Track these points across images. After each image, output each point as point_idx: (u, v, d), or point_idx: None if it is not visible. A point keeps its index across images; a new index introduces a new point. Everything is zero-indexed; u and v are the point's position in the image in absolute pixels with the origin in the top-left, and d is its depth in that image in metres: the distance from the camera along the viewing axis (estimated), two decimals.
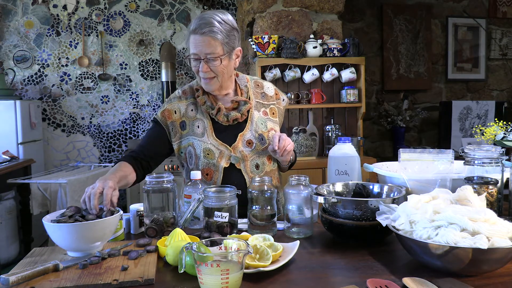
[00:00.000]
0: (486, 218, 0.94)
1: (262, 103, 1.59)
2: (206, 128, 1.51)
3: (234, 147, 1.50)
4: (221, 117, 1.50)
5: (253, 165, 1.52)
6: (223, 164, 1.49)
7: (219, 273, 0.82)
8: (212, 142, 1.49)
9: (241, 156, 1.50)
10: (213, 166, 1.49)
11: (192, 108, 1.54)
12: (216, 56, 1.40)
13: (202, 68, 1.42)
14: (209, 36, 1.38)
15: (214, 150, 1.49)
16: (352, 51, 3.37)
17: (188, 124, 1.53)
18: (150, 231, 1.23)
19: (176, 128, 1.53)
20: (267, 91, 1.62)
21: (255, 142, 1.51)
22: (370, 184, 1.31)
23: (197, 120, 1.53)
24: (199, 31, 1.38)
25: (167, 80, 3.88)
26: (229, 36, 1.42)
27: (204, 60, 1.41)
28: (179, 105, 1.55)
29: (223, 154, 1.49)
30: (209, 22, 1.38)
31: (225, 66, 1.44)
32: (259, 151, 1.52)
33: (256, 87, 1.62)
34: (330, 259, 1.06)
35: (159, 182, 1.26)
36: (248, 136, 1.52)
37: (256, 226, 1.24)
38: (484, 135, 1.63)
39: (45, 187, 2.78)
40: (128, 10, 4.01)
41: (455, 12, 4.62)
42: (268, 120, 1.57)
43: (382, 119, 4.32)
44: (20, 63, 3.87)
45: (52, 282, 0.92)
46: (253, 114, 1.55)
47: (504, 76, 4.83)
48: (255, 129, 1.53)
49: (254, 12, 3.44)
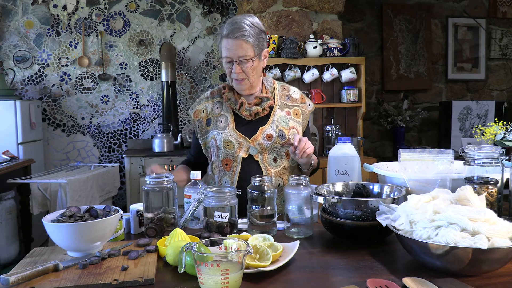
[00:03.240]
0: (486, 218, 0.94)
1: (286, 104, 1.66)
2: (228, 122, 1.60)
3: (254, 139, 1.56)
4: (243, 111, 1.58)
5: (271, 158, 1.58)
6: (241, 154, 1.56)
7: (219, 273, 0.82)
8: (232, 134, 1.57)
9: (260, 148, 1.56)
10: (232, 156, 1.57)
11: (218, 106, 1.65)
12: (248, 58, 1.50)
13: (235, 70, 1.51)
14: (241, 40, 1.47)
15: (234, 141, 1.56)
16: (352, 51, 3.37)
17: (213, 120, 1.63)
18: (150, 231, 1.23)
19: (202, 125, 1.65)
20: (292, 94, 1.69)
21: (275, 137, 1.57)
22: (370, 184, 1.31)
23: (221, 116, 1.62)
24: (231, 35, 1.47)
25: (167, 80, 3.88)
26: (259, 38, 1.52)
27: (236, 62, 1.50)
28: (207, 104, 1.67)
29: (242, 145, 1.56)
30: (240, 27, 1.47)
31: (255, 67, 1.54)
32: (278, 146, 1.58)
33: (283, 90, 1.69)
34: (330, 259, 1.06)
35: (159, 182, 1.26)
36: (269, 130, 1.57)
37: (256, 226, 1.24)
38: (484, 135, 1.63)
39: (45, 187, 2.78)
40: (128, 10, 4.01)
41: (455, 12, 4.62)
42: (291, 119, 1.63)
43: (382, 119, 4.32)
44: (20, 63, 3.87)
45: (52, 282, 0.92)
46: (275, 112, 1.62)
47: (504, 76, 4.83)
48: (276, 124, 1.59)
49: (254, 12, 3.44)
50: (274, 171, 1.57)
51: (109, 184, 3.35)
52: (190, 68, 4.16)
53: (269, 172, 1.56)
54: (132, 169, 3.60)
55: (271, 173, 1.56)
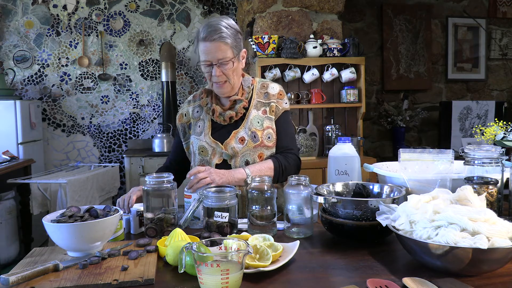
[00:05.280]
0: (486, 218, 0.94)
1: (263, 102, 1.61)
2: (205, 127, 1.60)
3: (226, 143, 1.54)
4: (217, 117, 1.58)
5: (243, 161, 1.55)
6: (215, 160, 1.56)
7: (219, 273, 0.82)
8: (206, 140, 1.57)
9: (232, 153, 1.54)
10: (206, 163, 1.58)
11: (198, 110, 1.65)
12: (228, 59, 1.48)
13: (215, 73, 1.50)
14: (220, 42, 1.46)
15: (208, 147, 1.57)
16: (352, 51, 3.37)
17: (193, 125, 1.64)
18: (150, 231, 1.23)
19: (185, 129, 1.67)
20: (270, 90, 1.63)
21: (247, 139, 1.54)
22: (370, 184, 1.31)
23: (200, 121, 1.63)
24: (209, 38, 1.45)
25: (167, 80, 3.88)
26: (236, 39, 1.51)
27: (216, 65, 1.49)
28: (188, 108, 1.68)
29: (215, 151, 1.56)
30: (218, 28, 1.46)
31: (235, 68, 1.53)
32: (251, 148, 1.55)
33: (262, 88, 1.65)
34: (330, 259, 1.06)
35: (159, 182, 1.26)
36: (242, 133, 1.55)
37: (256, 226, 1.24)
38: (484, 135, 1.63)
39: (45, 187, 2.78)
40: (128, 10, 4.01)
41: (455, 12, 4.62)
42: (267, 118, 1.59)
43: (382, 119, 4.32)
44: (20, 63, 3.87)
45: (52, 282, 0.92)
46: (250, 113, 1.58)
47: (504, 76, 4.83)
48: (249, 127, 1.56)
49: (254, 12, 3.44)
50: None
51: (109, 184, 3.35)
52: (190, 68, 4.16)
53: None
54: (132, 169, 3.60)
55: None
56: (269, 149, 1.58)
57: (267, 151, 1.57)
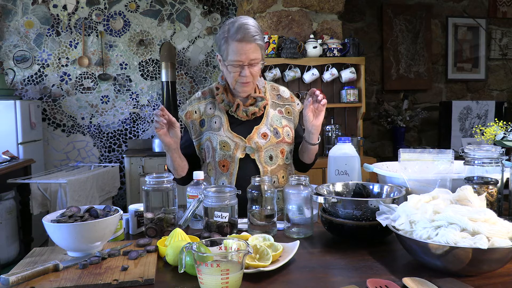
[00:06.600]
0: (486, 218, 0.94)
1: (277, 103, 1.68)
2: (223, 123, 1.60)
3: (249, 138, 1.57)
4: (240, 113, 1.59)
5: (267, 156, 1.58)
6: (238, 155, 1.56)
7: (219, 273, 0.82)
8: (227, 135, 1.57)
9: (256, 147, 1.56)
10: (229, 158, 1.57)
11: (211, 107, 1.64)
12: (258, 61, 1.52)
13: (245, 73, 1.50)
14: (255, 43, 1.48)
15: (230, 142, 1.57)
16: (352, 51, 3.37)
17: (207, 121, 1.63)
18: (150, 231, 1.23)
19: (196, 126, 1.64)
20: (282, 94, 1.71)
21: (270, 135, 1.58)
22: (370, 184, 1.31)
23: (215, 117, 1.62)
24: (246, 39, 1.46)
25: (167, 80, 3.88)
26: (263, 40, 1.54)
27: (247, 66, 1.50)
28: (199, 105, 1.66)
29: (238, 145, 1.56)
30: (252, 30, 1.48)
31: (260, 69, 1.56)
32: (273, 144, 1.59)
33: (272, 89, 1.70)
34: (330, 259, 1.06)
35: (159, 182, 1.26)
36: (264, 129, 1.59)
37: (256, 226, 1.24)
38: (484, 135, 1.63)
39: (45, 187, 2.78)
40: (128, 10, 4.01)
41: (455, 12, 4.62)
42: (283, 117, 1.66)
43: (382, 119, 4.32)
44: (20, 63, 3.87)
45: (52, 282, 0.92)
46: (268, 111, 1.63)
47: (504, 76, 4.83)
48: (270, 123, 1.61)
49: (254, 12, 3.44)
50: (270, 168, 1.58)
51: (109, 184, 3.35)
52: (190, 68, 4.16)
53: (266, 170, 1.57)
54: (132, 169, 3.60)
55: (267, 170, 1.57)
56: (289, 145, 1.65)
57: (287, 147, 1.64)
